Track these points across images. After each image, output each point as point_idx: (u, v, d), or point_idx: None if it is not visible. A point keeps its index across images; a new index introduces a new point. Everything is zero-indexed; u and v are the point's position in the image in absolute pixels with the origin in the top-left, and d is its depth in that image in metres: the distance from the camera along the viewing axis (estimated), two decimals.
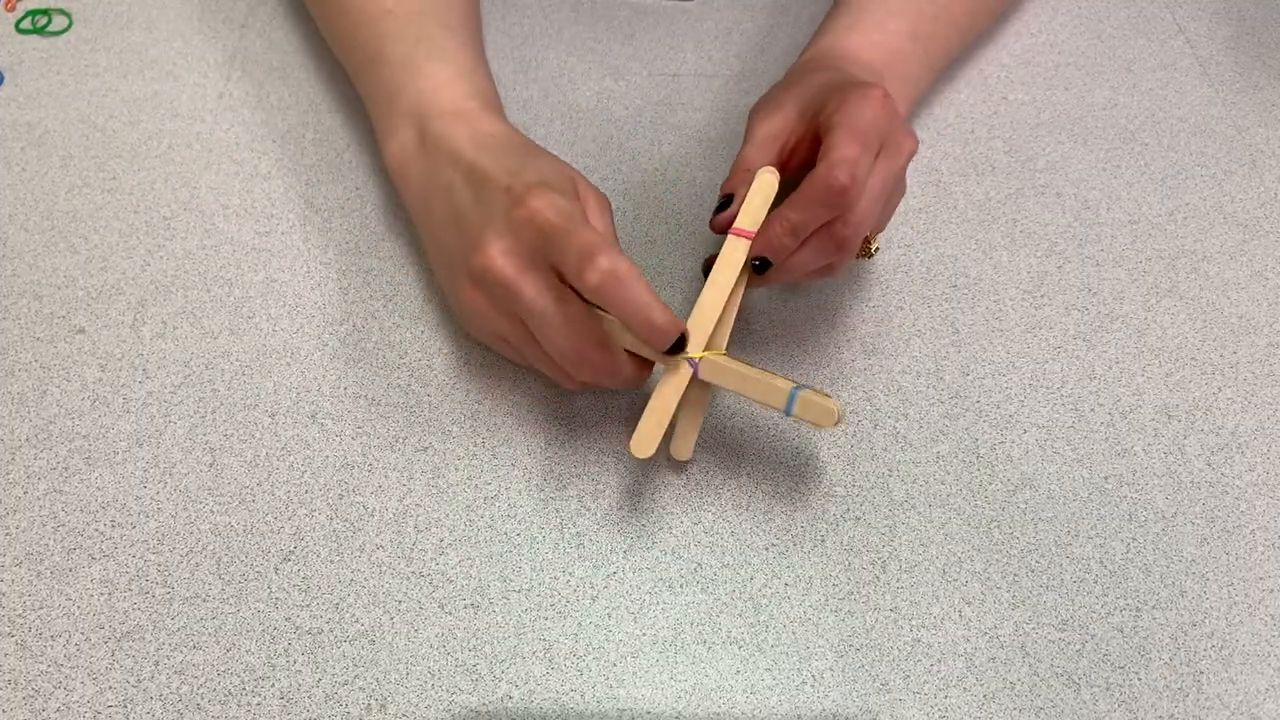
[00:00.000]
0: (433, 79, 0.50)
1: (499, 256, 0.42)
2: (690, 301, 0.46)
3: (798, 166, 0.47)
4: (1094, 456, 0.48)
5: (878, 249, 0.48)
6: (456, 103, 0.49)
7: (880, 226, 0.48)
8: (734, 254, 0.44)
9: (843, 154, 0.42)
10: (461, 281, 0.45)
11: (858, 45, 0.54)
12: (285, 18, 0.66)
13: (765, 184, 0.44)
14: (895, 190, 0.47)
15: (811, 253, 0.45)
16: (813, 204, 0.42)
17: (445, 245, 0.46)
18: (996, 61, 0.65)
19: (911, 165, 0.59)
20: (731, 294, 0.44)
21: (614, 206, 0.57)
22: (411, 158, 0.48)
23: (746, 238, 0.44)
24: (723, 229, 0.45)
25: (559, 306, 0.41)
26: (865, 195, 0.43)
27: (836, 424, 0.41)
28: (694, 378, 0.43)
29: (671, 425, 0.44)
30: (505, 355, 0.47)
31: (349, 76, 0.56)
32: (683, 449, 0.45)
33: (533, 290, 0.41)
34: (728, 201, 0.46)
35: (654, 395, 0.43)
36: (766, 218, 0.44)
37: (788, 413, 0.42)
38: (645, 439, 0.42)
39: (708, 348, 0.43)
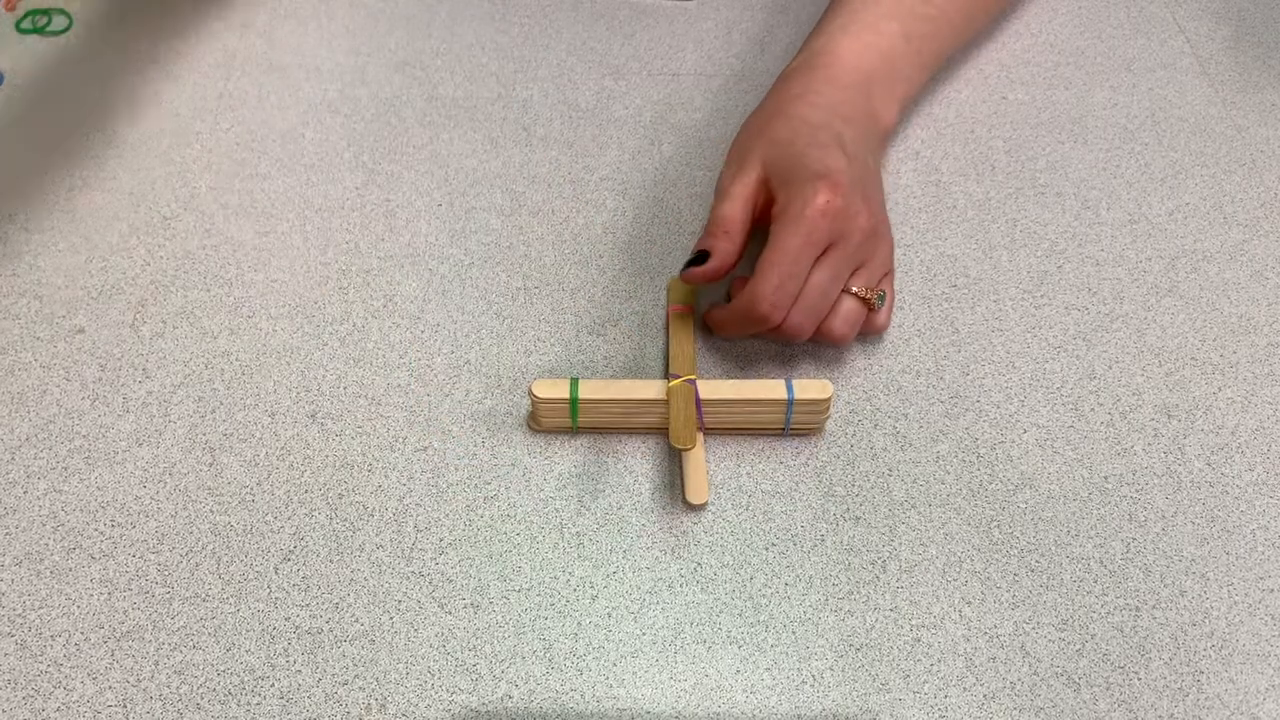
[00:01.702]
0: None
1: None
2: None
3: (764, 220, 0.50)
4: (1094, 456, 0.48)
5: (882, 295, 0.49)
6: None
7: (874, 281, 0.49)
8: (684, 323, 0.51)
9: (765, 283, 0.46)
10: None
11: (850, 48, 0.54)
12: (285, 18, 0.66)
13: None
14: (866, 258, 0.48)
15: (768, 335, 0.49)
16: (738, 319, 0.48)
17: None
18: (996, 61, 0.65)
19: (911, 165, 0.59)
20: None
21: (613, 206, 0.57)
22: None
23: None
24: (693, 282, 0.49)
25: None
26: (801, 300, 0.47)
27: (831, 396, 0.46)
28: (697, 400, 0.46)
29: (680, 474, 0.46)
30: None
31: None
32: (699, 493, 0.45)
33: None
34: (701, 256, 0.49)
35: (674, 443, 0.45)
36: (710, 310, 0.51)
37: (789, 397, 0.46)
38: (699, 488, 0.45)
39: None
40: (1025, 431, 0.49)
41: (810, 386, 0.46)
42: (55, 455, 0.47)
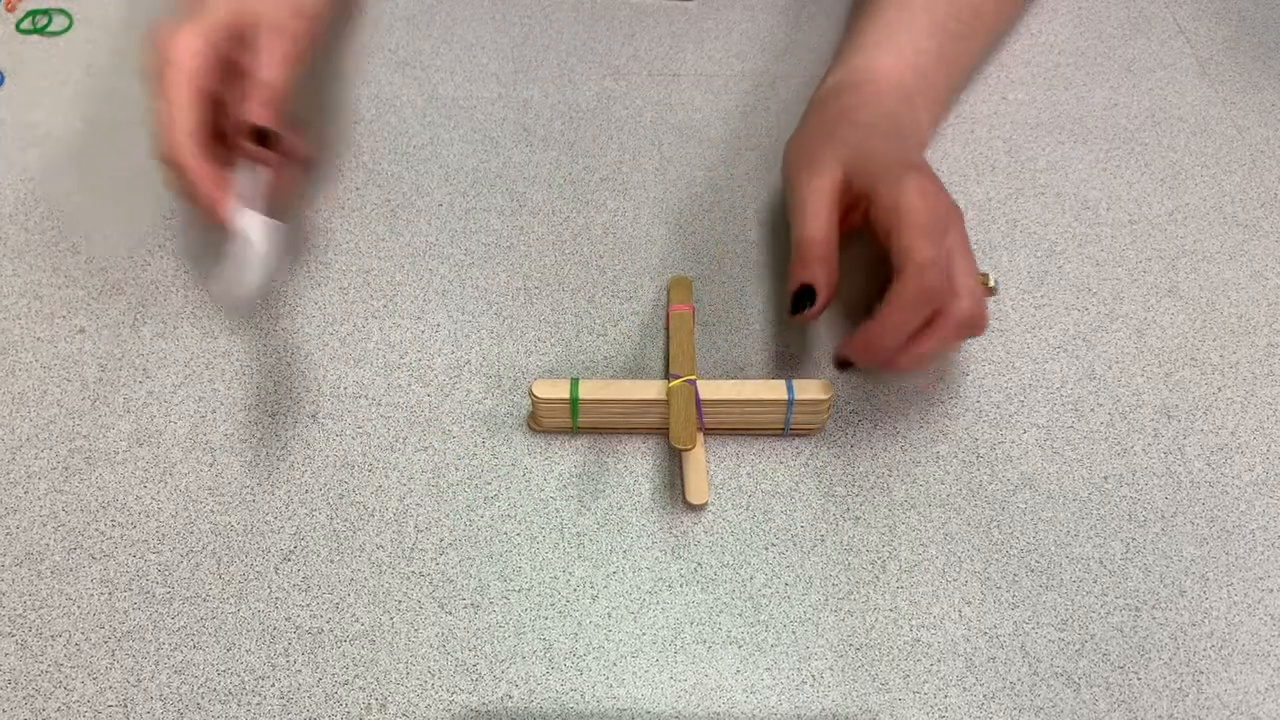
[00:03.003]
0: None
1: None
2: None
3: (849, 227, 0.48)
4: (1094, 456, 0.48)
5: (996, 281, 0.48)
6: None
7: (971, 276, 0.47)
8: (684, 322, 0.50)
9: (924, 257, 0.43)
10: None
11: (890, 67, 0.54)
12: None
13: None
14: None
15: (942, 342, 0.45)
16: (909, 307, 0.43)
17: None
18: (996, 61, 0.65)
19: None
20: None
21: (613, 206, 0.57)
22: None
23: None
24: (806, 321, 0.48)
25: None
26: (959, 274, 0.44)
27: (831, 396, 0.46)
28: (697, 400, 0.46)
29: (680, 475, 0.46)
30: None
31: None
32: (699, 493, 0.45)
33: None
34: (806, 292, 0.46)
35: (674, 443, 0.44)
36: (868, 327, 0.45)
37: (790, 398, 0.45)
38: (699, 488, 0.45)
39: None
40: (1025, 431, 0.49)
41: (810, 386, 0.46)
42: (55, 455, 0.47)
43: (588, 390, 0.46)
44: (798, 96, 0.62)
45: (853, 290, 0.52)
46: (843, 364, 0.48)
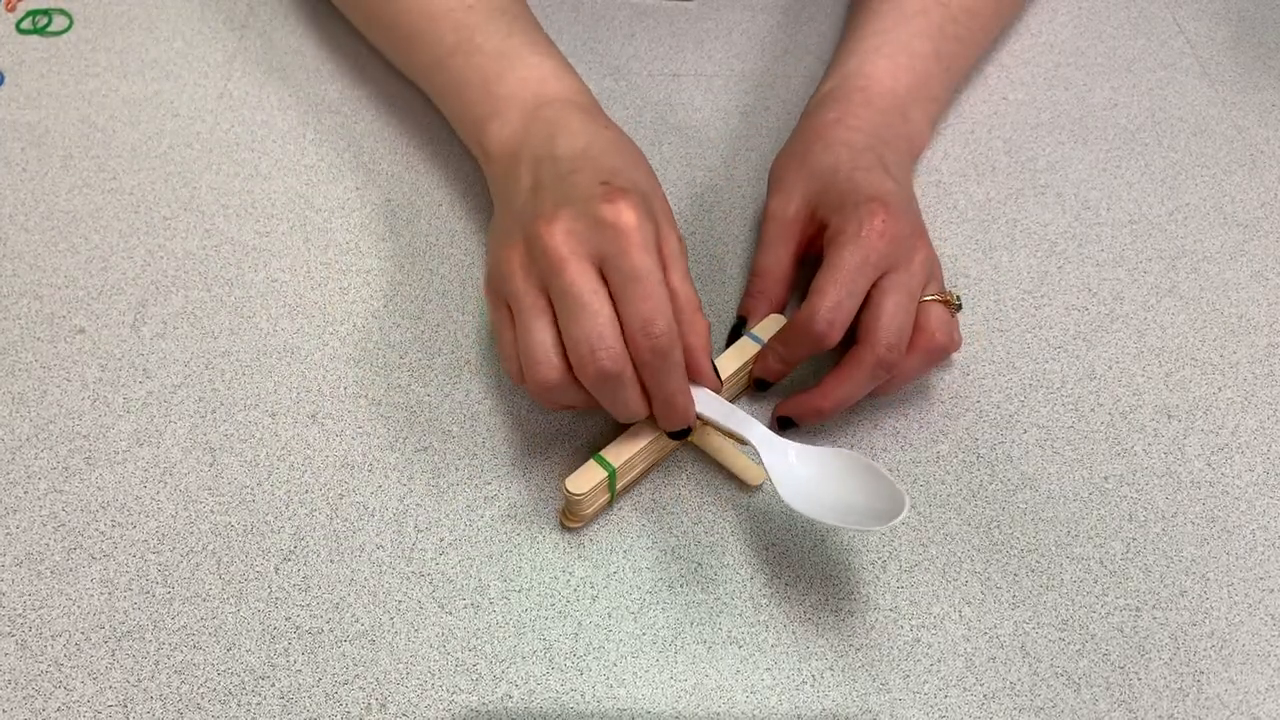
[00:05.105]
0: (537, 69, 0.50)
1: (560, 233, 0.41)
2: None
3: (817, 251, 0.49)
4: (1094, 456, 0.48)
5: (959, 299, 0.48)
6: (567, 94, 0.50)
7: (940, 288, 0.48)
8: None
9: (822, 301, 0.44)
10: (512, 238, 0.43)
11: (885, 70, 0.54)
12: (285, 18, 0.66)
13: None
14: (927, 276, 0.47)
15: (854, 384, 0.45)
16: (794, 340, 0.46)
17: (513, 209, 0.45)
18: (996, 61, 0.65)
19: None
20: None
21: None
22: (512, 134, 0.49)
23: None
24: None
25: (593, 299, 0.40)
26: (885, 321, 0.44)
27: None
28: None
29: (724, 470, 0.47)
30: (499, 331, 0.44)
31: (412, 68, 0.57)
32: (755, 474, 0.46)
33: (576, 274, 0.40)
34: (742, 322, 0.50)
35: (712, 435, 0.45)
36: (760, 356, 0.48)
37: (762, 346, 0.48)
38: (751, 469, 0.46)
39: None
40: (1025, 431, 0.49)
41: (768, 324, 0.48)
42: (55, 455, 0.47)
43: (615, 455, 0.44)
44: (798, 96, 0.62)
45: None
46: (785, 422, 0.48)
